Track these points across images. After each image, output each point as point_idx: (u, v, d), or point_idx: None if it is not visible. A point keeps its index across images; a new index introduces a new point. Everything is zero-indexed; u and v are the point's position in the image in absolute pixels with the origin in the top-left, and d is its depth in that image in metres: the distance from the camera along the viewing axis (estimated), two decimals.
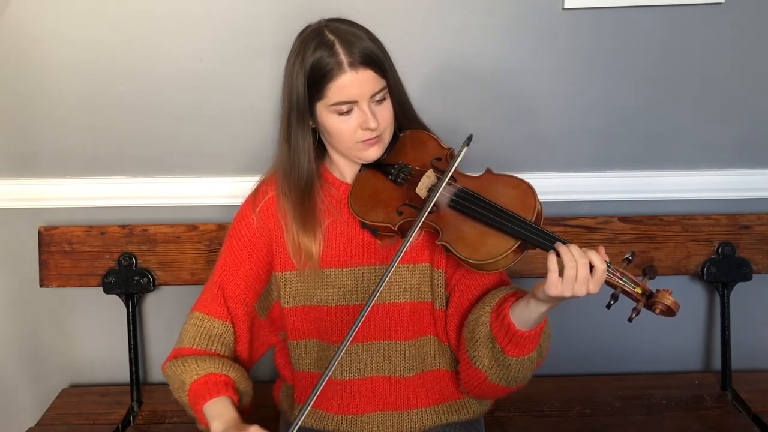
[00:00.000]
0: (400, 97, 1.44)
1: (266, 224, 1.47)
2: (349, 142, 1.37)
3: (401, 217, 1.37)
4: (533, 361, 1.35)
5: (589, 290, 1.21)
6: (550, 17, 1.79)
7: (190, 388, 1.38)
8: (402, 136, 1.47)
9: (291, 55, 1.39)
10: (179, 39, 1.80)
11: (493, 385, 1.38)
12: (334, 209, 1.45)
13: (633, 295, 1.24)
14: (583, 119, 1.87)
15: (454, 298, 1.46)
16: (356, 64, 1.31)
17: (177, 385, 1.42)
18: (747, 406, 1.84)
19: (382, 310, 1.46)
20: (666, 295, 1.22)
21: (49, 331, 2.03)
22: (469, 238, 1.31)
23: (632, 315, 1.23)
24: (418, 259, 1.45)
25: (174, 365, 1.42)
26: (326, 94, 1.33)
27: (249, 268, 1.47)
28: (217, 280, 1.48)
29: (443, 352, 1.50)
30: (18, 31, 1.80)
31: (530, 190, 1.33)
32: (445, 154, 1.43)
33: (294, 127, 1.40)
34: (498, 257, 1.28)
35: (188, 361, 1.41)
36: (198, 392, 1.37)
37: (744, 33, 1.80)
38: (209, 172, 1.90)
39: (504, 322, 1.31)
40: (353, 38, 1.33)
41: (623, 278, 1.24)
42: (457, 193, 1.35)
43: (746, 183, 1.90)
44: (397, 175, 1.41)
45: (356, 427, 1.49)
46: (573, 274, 1.20)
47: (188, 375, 1.39)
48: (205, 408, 1.36)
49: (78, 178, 1.90)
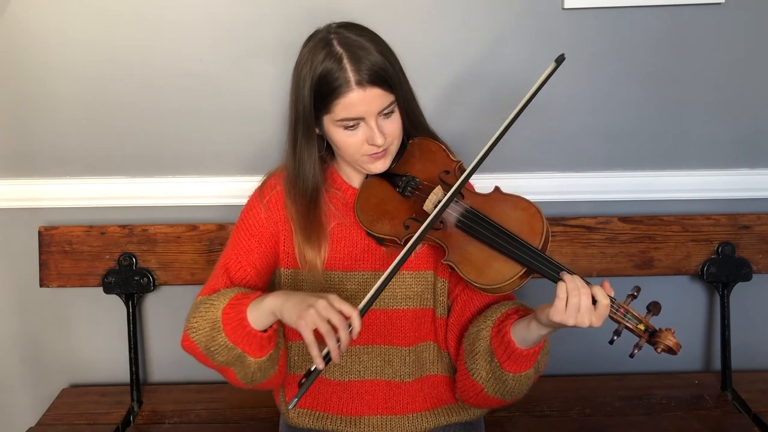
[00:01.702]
0: (409, 107, 1.40)
1: (274, 216, 1.45)
2: (355, 155, 1.36)
3: (407, 231, 1.36)
4: (530, 377, 1.35)
5: (593, 323, 1.21)
6: (550, 17, 1.78)
7: (223, 315, 1.30)
8: (410, 144, 1.45)
9: (299, 62, 1.36)
10: (179, 39, 1.80)
11: (488, 396, 1.38)
12: (340, 213, 1.44)
13: (636, 332, 1.24)
14: (583, 119, 1.87)
15: (455, 308, 1.45)
16: (364, 82, 1.28)
17: (207, 328, 1.32)
18: (747, 406, 1.84)
19: (384, 315, 1.45)
20: (668, 335, 1.22)
21: (49, 331, 2.03)
22: (475, 260, 1.30)
23: (634, 351, 1.24)
24: (422, 267, 1.45)
25: (194, 317, 1.34)
26: (333, 110, 1.31)
27: (258, 256, 1.44)
28: (222, 265, 1.44)
29: (442, 358, 1.50)
30: (18, 30, 1.80)
31: (538, 215, 1.31)
32: (454, 167, 1.41)
33: (300, 139, 1.38)
34: (503, 283, 1.27)
35: (208, 301, 1.34)
36: (233, 306, 1.30)
37: (744, 33, 1.81)
38: (209, 172, 1.90)
39: (504, 339, 1.30)
40: (362, 53, 1.29)
41: (626, 315, 1.24)
42: (464, 213, 1.33)
43: (746, 183, 1.90)
44: (404, 187, 1.40)
45: (355, 428, 1.48)
46: (576, 302, 1.20)
47: (215, 309, 1.31)
48: (250, 307, 1.29)
49: (78, 178, 1.90)
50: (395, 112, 1.36)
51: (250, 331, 1.30)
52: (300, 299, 1.23)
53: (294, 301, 1.23)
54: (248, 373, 1.36)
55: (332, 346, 1.19)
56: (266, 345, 1.32)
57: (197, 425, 1.84)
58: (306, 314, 1.20)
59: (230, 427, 1.82)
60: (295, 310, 1.22)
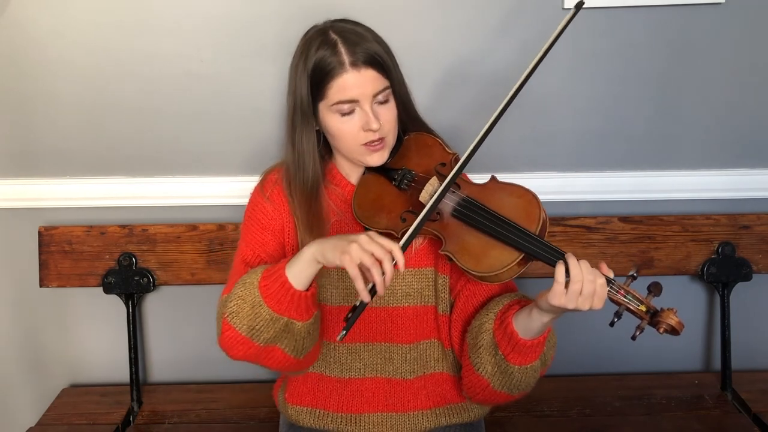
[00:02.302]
0: (404, 99, 1.42)
1: (279, 209, 1.44)
2: (352, 144, 1.37)
3: (404, 224, 1.36)
4: (536, 369, 1.34)
5: (593, 306, 1.21)
6: (550, 17, 1.78)
7: (260, 286, 1.27)
8: (406, 139, 1.46)
9: (295, 55, 1.38)
10: (179, 39, 1.80)
11: (495, 391, 1.37)
12: (339, 209, 1.45)
13: (637, 313, 1.23)
14: (583, 119, 1.87)
15: (458, 303, 1.45)
16: (358, 63, 1.30)
17: (248, 307, 1.28)
18: (747, 406, 1.84)
19: (384, 313, 1.46)
20: (670, 314, 1.21)
21: (49, 331, 2.03)
22: (472, 249, 1.30)
23: (636, 333, 1.23)
24: (422, 264, 1.45)
25: (231, 301, 1.30)
26: (327, 94, 1.32)
27: (273, 248, 1.43)
28: (240, 261, 1.43)
29: (446, 356, 1.50)
30: (18, 31, 1.80)
31: (535, 201, 1.31)
32: (450, 159, 1.41)
33: (298, 130, 1.39)
34: (501, 269, 1.27)
35: (241, 282, 1.31)
36: (269, 272, 1.27)
37: (744, 33, 1.80)
38: (209, 172, 1.90)
39: (507, 330, 1.30)
40: (357, 38, 1.32)
41: (627, 296, 1.23)
42: (460, 202, 1.34)
43: (746, 183, 1.90)
44: (400, 180, 1.40)
45: (355, 426, 1.48)
46: (578, 288, 1.19)
47: (251, 287, 1.28)
48: (288, 266, 1.26)
49: (78, 178, 1.90)
50: (390, 101, 1.37)
51: (294, 293, 1.26)
52: (339, 238, 1.23)
53: (333, 242, 1.23)
54: (298, 341, 1.32)
55: (377, 278, 1.18)
56: (311, 305, 1.29)
57: (197, 425, 1.84)
58: (350, 248, 1.19)
59: (230, 427, 1.82)
60: (338, 248, 1.20)
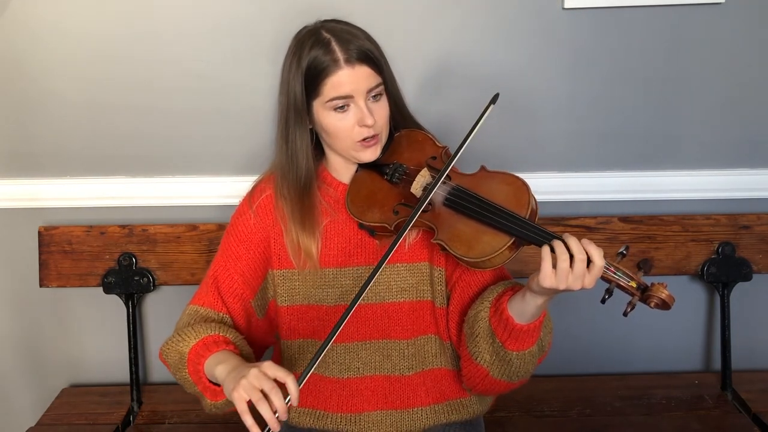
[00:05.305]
0: (396, 97, 1.44)
1: (263, 221, 1.47)
2: (347, 140, 1.38)
3: (397, 217, 1.38)
4: (534, 355, 1.34)
5: (585, 285, 1.21)
6: (550, 17, 1.79)
7: (189, 355, 1.32)
8: (397, 136, 1.48)
9: (288, 55, 1.40)
10: (179, 39, 1.80)
11: (495, 380, 1.37)
12: (332, 209, 1.46)
13: (628, 290, 1.23)
14: (583, 119, 1.87)
15: (454, 295, 1.46)
16: (352, 59, 1.32)
17: (176, 359, 1.35)
18: (747, 406, 1.84)
19: (380, 309, 1.46)
20: (661, 288, 1.21)
21: (49, 331, 2.03)
22: (463, 236, 1.31)
23: (627, 309, 1.23)
24: (416, 258, 1.45)
25: (169, 342, 1.38)
26: (322, 91, 1.34)
27: (246, 264, 1.46)
28: (212, 274, 1.47)
29: (444, 350, 1.50)
30: (18, 30, 1.80)
31: (524, 187, 1.33)
32: (440, 152, 1.43)
33: (292, 127, 1.40)
34: (493, 254, 1.28)
35: (184, 332, 1.36)
36: (198, 353, 1.31)
37: (744, 33, 1.80)
38: (209, 172, 1.90)
39: (502, 316, 1.30)
40: (349, 36, 1.34)
41: (618, 272, 1.23)
42: (451, 191, 1.35)
43: (746, 183, 1.90)
44: (392, 174, 1.42)
45: (355, 425, 1.48)
46: (566, 266, 1.19)
47: (185, 344, 1.34)
48: (207, 364, 1.29)
49: (78, 178, 1.90)
50: (383, 97, 1.39)
51: (205, 381, 1.31)
52: (237, 371, 1.22)
53: (233, 374, 1.23)
54: (206, 406, 1.36)
55: (266, 415, 1.17)
56: (220, 394, 1.31)
57: (197, 425, 1.84)
58: (238, 385, 1.19)
59: (230, 427, 1.82)
60: (232, 383, 1.21)
